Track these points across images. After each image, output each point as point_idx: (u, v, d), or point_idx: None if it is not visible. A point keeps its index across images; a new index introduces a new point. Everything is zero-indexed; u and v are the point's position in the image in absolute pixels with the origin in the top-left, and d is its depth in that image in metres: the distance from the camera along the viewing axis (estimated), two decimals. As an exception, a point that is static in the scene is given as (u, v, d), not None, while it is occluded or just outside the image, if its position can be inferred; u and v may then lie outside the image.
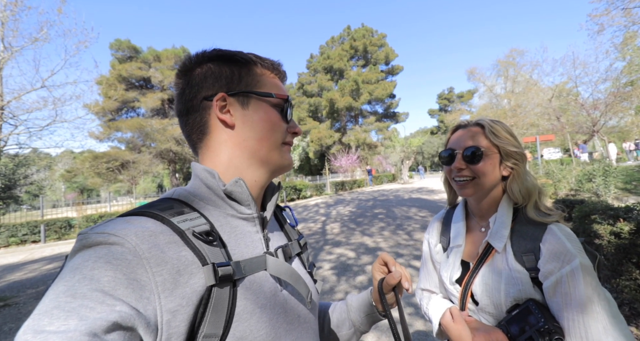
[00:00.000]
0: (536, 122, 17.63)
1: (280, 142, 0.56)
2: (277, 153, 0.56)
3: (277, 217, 0.68)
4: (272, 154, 0.55)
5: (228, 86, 0.53)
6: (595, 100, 14.34)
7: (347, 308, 0.73)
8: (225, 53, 0.55)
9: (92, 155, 16.36)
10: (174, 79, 0.59)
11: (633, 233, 2.32)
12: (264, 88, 0.56)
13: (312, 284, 0.62)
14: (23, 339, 0.27)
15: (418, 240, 5.70)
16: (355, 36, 38.83)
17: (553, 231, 0.74)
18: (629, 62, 13.44)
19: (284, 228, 0.66)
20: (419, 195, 13.74)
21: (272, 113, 0.56)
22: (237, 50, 0.58)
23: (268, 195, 0.60)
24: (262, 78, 0.56)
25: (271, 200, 0.59)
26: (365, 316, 0.70)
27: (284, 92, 0.58)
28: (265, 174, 0.56)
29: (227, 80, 0.54)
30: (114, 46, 18.28)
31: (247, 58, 0.56)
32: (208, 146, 0.54)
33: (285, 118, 0.57)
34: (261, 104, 0.55)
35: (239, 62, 0.55)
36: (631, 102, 12.71)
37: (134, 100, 18.19)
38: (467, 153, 0.85)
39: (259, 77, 0.56)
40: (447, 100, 54.38)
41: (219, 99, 0.52)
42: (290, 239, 0.64)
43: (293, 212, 0.72)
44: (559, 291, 0.69)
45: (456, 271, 0.89)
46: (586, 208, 3.14)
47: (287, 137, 0.58)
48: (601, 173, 7.11)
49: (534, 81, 20.48)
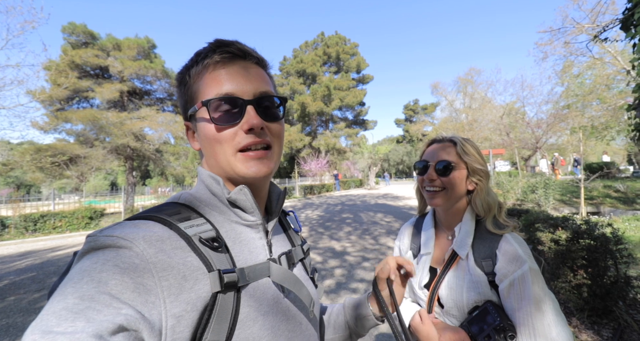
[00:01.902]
0: (489, 136, 19.24)
1: (230, 152, 0.49)
2: (231, 167, 0.49)
3: (281, 222, 0.67)
4: (228, 169, 0.50)
5: (185, 112, 0.54)
6: (539, 119, 16.08)
7: (344, 311, 0.74)
8: (176, 75, 0.54)
9: (34, 147, 14.56)
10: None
11: (569, 240, 2.64)
12: (195, 101, 0.50)
13: (315, 291, 0.63)
14: (31, 339, 0.27)
15: (384, 244, 5.91)
16: (329, 43, 39.45)
17: (507, 239, 0.83)
18: (566, 88, 15.30)
19: (288, 234, 0.66)
20: (385, 201, 14.23)
21: (206, 126, 0.49)
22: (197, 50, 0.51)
23: (273, 200, 0.60)
24: (195, 87, 0.50)
25: (277, 205, 0.59)
26: (360, 318, 0.71)
27: (210, 93, 0.48)
28: (253, 186, 0.53)
29: (182, 106, 0.54)
30: (67, 30, 16.57)
31: (182, 73, 0.52)
32: (202, 162, 0.57)
33: (226, 121, 0.48)
34: (200, 119, 0.50)
35: (180, 82, 0.53)
36: (567, 123, 14.44)
37: (87, 90, 16.57)
38: (439, 166, 0.92)
39: (193, 87, 0.50)
40: (412, 111, 57.17)
41: (186, 127, 0.55)
42: (293, 245, 0.64)
43: (297, 217, 0.72)
44: (512, 293, 0.77)
45: (425, 277, 0.95)
46: (531, 218, 3.50)
47: (241, 140, 0.48)
48: (542, 186, 7.97)
49: (488, 99, 22.38)
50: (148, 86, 18.60)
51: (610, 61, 12.18)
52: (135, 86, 17.88)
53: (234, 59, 0.50)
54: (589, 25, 8.75)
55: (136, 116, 16.32)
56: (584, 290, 2.52)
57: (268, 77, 0.55)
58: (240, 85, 0.49)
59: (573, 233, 2.65)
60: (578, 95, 14.28)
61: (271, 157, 0.52)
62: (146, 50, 18.08)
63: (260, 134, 0.50)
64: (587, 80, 14.10)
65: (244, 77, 0.50)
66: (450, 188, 0.91)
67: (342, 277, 4.22)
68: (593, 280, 2.48)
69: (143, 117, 16.30)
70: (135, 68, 16.64)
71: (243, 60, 0.51)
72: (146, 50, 18.08)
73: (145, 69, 16.93)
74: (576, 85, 14.51)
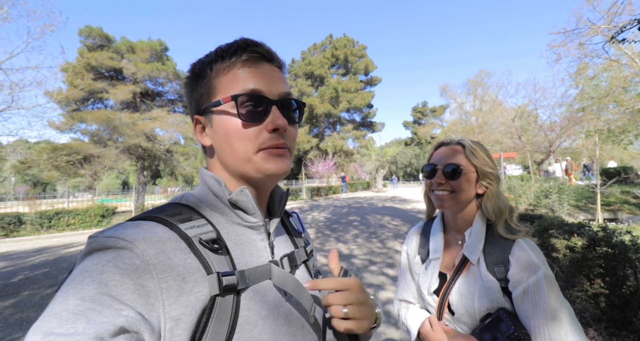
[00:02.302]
0: (500, 139, 18.90)
1: (252, 150, 0.48)
2: (251, 163, 0.49)
3: (284, 223, 0.66)
4: (246, 167, 0.49)
5: (197, 106, 0.52)
6: (552, 122, 15.69)
7: None
8: (191, 67, 0.52)
9: (50, 147, 15.00)
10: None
11: (585, 247, 2.56)
12: (217, 95, 0.49)
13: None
14: (32, 340, 0.28)
15: (391, 248, 5.85)
16: (337, 45, 39.54)
17: (521, 244, 0.81)
18: (581, 90, 14.91)
19: (291, 235, 0.64)
20: (392, 204, 14.12)
21: (229, 121, 0.48)
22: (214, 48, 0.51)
23: (275, 201, 0.59)
24: (216, 82, 0.50)
25: (279, 207, 0.58)
26: None
27: (236, 88, 0.48)
28: (260, 185, 0.53)
29: (195, 99, 0.53)
30: (83, 33, 17.08)
31: (201, 66, 0.51)
32: (208, 161, 0.56)
33: (253, 118, 0.48)
34: (220, 115, 0.50)
35: (197, 75, 0.51)
36: (582, 127, 14.05)
37: (102, 91, 17.02)
38: (447, 169, 0.90)
39: (214, 81, 0.50)
40: (421, 114, 56.73)
41: (196, 123, 0.53)
42: (296, 246, 0.63)
43: (300, 219, 0.71)
44: (526, 300, 0.75)
45: (434, 283, 0.93)
46: (544, 223, 3.40)
47: (265, 140, 0.48)
48: (556, 191, 7.76)
49: (499, 101, 22.02)
50: (160, 88, 18.99)
51: (627, 63, 11.81)
52: (148, 88, 18.27)
53: (262, 59, 0.51)
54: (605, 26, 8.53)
55: (148, 117, 16.64)
56: (602, 300, 2.43)
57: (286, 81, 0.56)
58: (267, 85, 0.49)
59: (589, 240, 2.56)
60: (593, 97, 13.90)
61: (289, 157, 0.52)
62: (159, 52, 18.46)
63: (282, 136, 0.50)
64: (602, 82, 13.73)
65: (270, 77, 0.50)
66: (459, 191, 0.90)
67: (349, 280, 4.18)
68: (611, 290, 2.39)
69: (154, 118, 16.62)
70: (147, 70, 17.01)
71: (269, 63, 0.52)
72: (159, 52, 18.46)
73: (158, 71, 17.28)
74: (591, 87, 14.13)
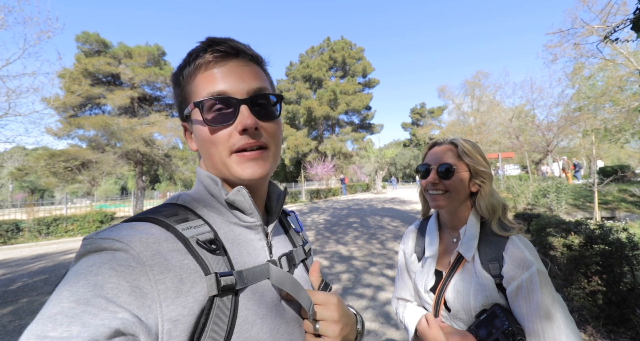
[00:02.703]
0: (498, 139, 18.97)
1: (225, 154, 0.48)
2: (226, 168, 0.48)
3: (282, 222, 0.66)
4: (224, 170, 0.49)
5: (181, 113, 0.53)
6: (549, 122, 15.78)
7: None
8: (172, 76, 0.52)
9: (48, 153, 14.96)
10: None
11: (582, 245, 2.57)
12: (188, 102, 0.49)
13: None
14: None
15: (391, 249, 5.84)
16: (335, 48, 39.73)
17: (514, 241, 0.82)
18: (577, 90, 15.01)
19: (289, 234, 0.64)
20: (392, 205, 14.12)
21: (200, 128, 0.49)
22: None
23: (273, 200, 0.59)
24: (188, 88, 0.49)
25: (277, 206, 0.58)
26: None
27: (202, 93, 0.47)
28: (251, 187, 0.52)
29: (178, 106, 0.53)
30: (80, 39, 17.12)
31: (177, 74, 0.51)
32: (201, 163, 0.56)
33: (220, 121, 0.47)
34: (195, 120, 0.49)
35: (175, 84, 0.52)
36: (579, 126, 14.12)
37: (99, 97, 17.02)
38: (441, 169, 0.92)
39: (187, 88, 0.49)
40: (419, 115, 56.89)
41: (185, 129, 0.54)
42: (295, 245, 0.62)
43: (298, 218, 0.70)
44: (520, 296, 0.76)
45: (430, 280, 0.94)
46: (542, 222, 3.42)
47: (235, 142, 0.47)
48: (554, 190, 7.78)
49: (496, 102, 22.13)
50: (158, 92, 19.02)
51: (622, 63, 11.91)
52: (146, 92, 18.29)
53: (227, 57, 0.48)
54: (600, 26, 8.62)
55: (146, 122, 16.65)
56: (599, 297, 2.44)
57: (264, 74, 0.53)
58: (233, 84, 0.47)
59: (586, 238, 2.57)
60: (590, 97, 13.99)
61: (267, 157, 0.50)
62: (156, 57, 18.52)
63: (255, 135, 0.48)
64: (598, 82, 13.81)
65: (237, 75, 0.48)
66: (452, 191, 0.91)
67: (349, 282, 4.18)
68: (608, 287, 2.40)
69: (152, 123, 16.62)
70: (145, 75, 17.04)
71: (236, 58, 0.49)
72: (156, 57, 18.52)
73: (155, 76, 17.32)
74: (587, 87, 14.22)
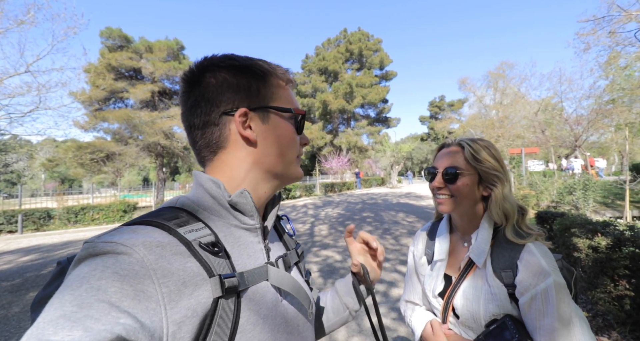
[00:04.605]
0: (522, 134, 18.15)
1: (295, 156, 0.57)
2: (292, 167, 0.57)
3: (276, 227, 0.68)
4: (288, 169, 0.57)
5: (248, 100, 0.52)
6: (579, 115, 14.91)
7: (338, 295, 0.76)
8: (241, 62, 0.53)
9: (75, 145, 15.79)
10: (181, 86, 0.54)
11: (610, 247, 2.43)
12: (281, 102, 0.55)
13: (311, 293, 0.64)
14: None
15: (405, 245, 5.78)
16: (352, 39, 39.04)
17: (530, 249, 0.77)
18: (611, 81, 14.01)
19: (283, 238, 0.67)
20: (407, 200, 13.92)
21: (289, 128, 0.56)
22: (246, 56, 0.56)
23: (269, 205, 0.60)
24: (277, 90, 0.55)
25: (272, 210, 0.60)
26: (355, 298, 0.74)
27: (299, 106, 0.60)
28: (277, 187, 0.58)
29: (246, 93, 0.52)
30: (104, 34, 17.75)
31: (264, 69, 0.54)
32: (223, 160, 0.53)
33: (300, 132, 0.58)
34: (280, 119, 0.55)
35: (257, 74, 0.53)
36: (612, 119, 13.26)
37: (122, 91, 17.69)
38: (445, 172, 0.87)
39: (275, 89, 0.55)
40: (438, 108, 55.31)
41: (241, 115, 0.51)
42: (288, 248, 0.65)
43: (291, 222, 0.73)
44: (533, 308, 0.71)
45: (439, 285, 0.91)
46: (566, 222, 3.26)
47: (299, 150, 0.59)
48: (581, 187, 7.39)
49: (521, 94, 21.11)
50: (177, 86, 19.54)
51: (664, 51, 10.99)
52: (165, 86, 18.80)
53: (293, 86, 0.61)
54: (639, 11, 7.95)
55: (166, 115, 17.14)
56: (626, 302, 2.31)
57: None
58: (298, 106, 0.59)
59: (614, 240, 2.43)
60: (625, 88, 13.03)
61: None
62: (175, 51, 18.91)
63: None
64: (635, 72, 12.83)
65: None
66: (458, 195, 0.86)
67: (361, 277, 4.17)
68: (637, 292, 2.26)
69: (172, 116, 17.10)
70: (165, 69, 17.47)
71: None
72: (175, 51, 18.91)
73: (175, 70, 17.73)
74: (623, 78, 13.23)
